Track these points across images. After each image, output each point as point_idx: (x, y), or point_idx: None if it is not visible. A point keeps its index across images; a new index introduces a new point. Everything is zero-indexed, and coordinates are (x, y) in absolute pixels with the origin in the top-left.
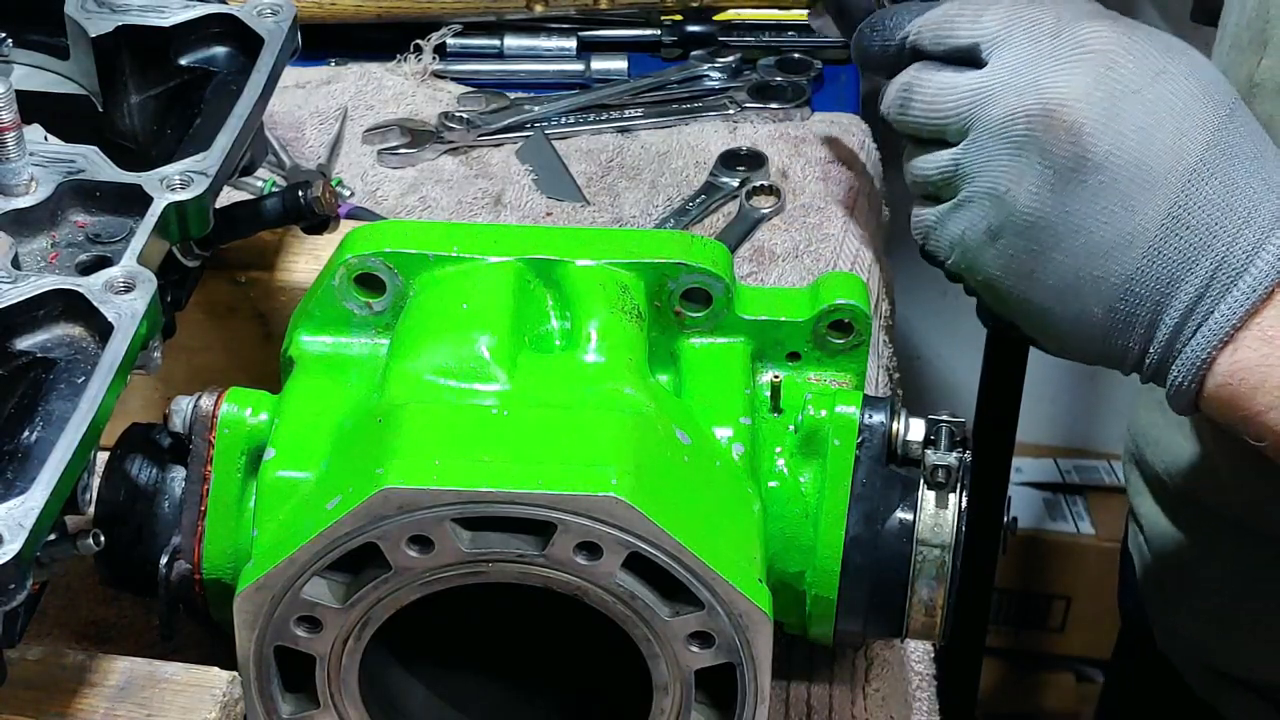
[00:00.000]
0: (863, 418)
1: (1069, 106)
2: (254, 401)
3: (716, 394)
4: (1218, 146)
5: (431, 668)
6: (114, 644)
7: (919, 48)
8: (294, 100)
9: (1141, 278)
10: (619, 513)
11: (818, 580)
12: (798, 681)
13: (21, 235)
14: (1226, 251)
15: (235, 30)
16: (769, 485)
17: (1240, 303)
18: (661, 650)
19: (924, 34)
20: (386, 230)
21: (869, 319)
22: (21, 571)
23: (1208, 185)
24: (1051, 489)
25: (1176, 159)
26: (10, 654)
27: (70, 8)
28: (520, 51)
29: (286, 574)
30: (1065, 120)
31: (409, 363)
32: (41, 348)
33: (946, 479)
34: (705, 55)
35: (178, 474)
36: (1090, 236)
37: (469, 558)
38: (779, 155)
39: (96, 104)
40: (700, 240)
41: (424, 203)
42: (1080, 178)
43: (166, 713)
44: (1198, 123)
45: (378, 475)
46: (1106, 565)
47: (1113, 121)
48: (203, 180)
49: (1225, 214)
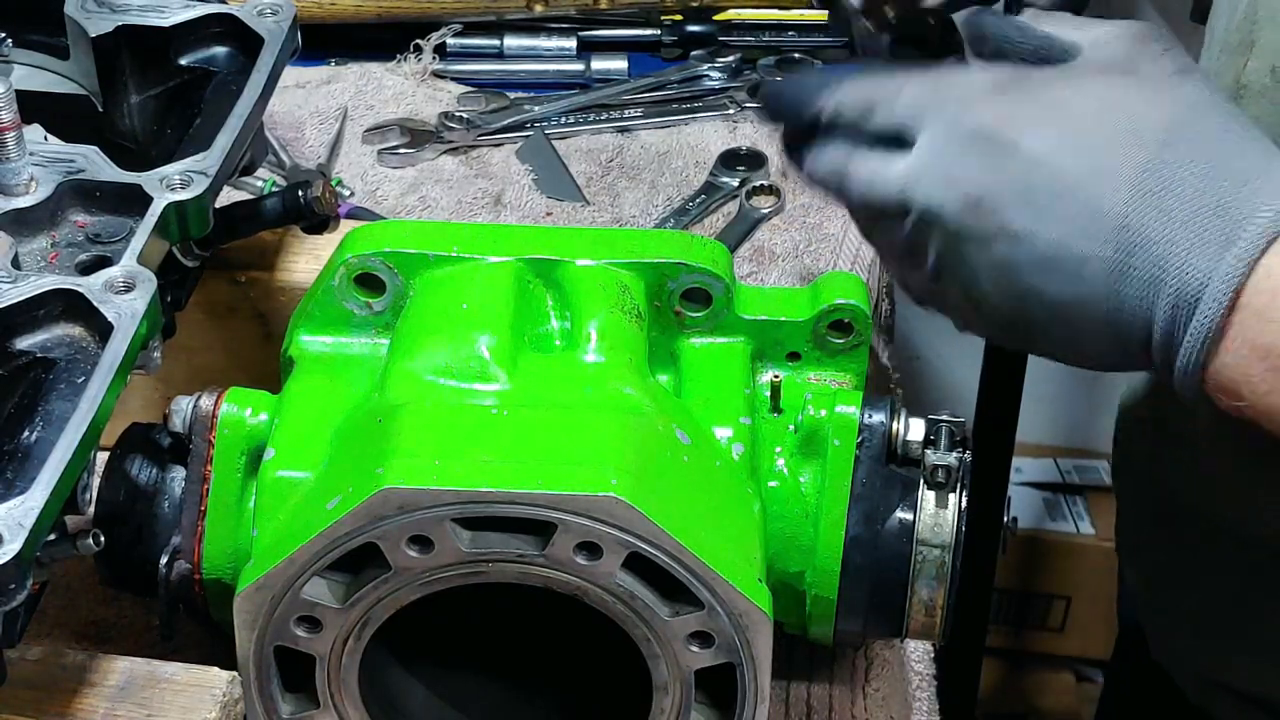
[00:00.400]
0: (863, 418)
1: (983, 199)
2: (254, 401)
3: (716, 394)
4: (1142, 188)
5: (431, 668)
6: (114, 644)
7: (843, 123)
8: (294, 100)
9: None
10: (619, 513)
11: (818, 580)
12: (798, 681)
13: (21, 235)
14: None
15: (235, 30)
16: (769, 485)
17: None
18: (661, 650)
19: (845, 112)
20: (386, 230)
21: (869, 319)
22: (21, 571)
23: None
24: (1051, 489)
25: (1096, 222)
26: (10, 654)
27: (70, 8)
28: (520, 51)
29: (286, 574)
30: (986, 209)
31: (409, 363)
32: (41, 348)
33: (946, 479)
34: (705, 55)
35: (178, 474)
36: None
37: (469, 558)
38: (779, 155)
39: (96, 104)
40: (700, 240)
41: (424, 203)
42: (1016, 253)
43: (166, 713)
44: (1119, 170)
45: (378, 475)
46: (1106, 565)
47: (1028, 203)
48: (203, 180)
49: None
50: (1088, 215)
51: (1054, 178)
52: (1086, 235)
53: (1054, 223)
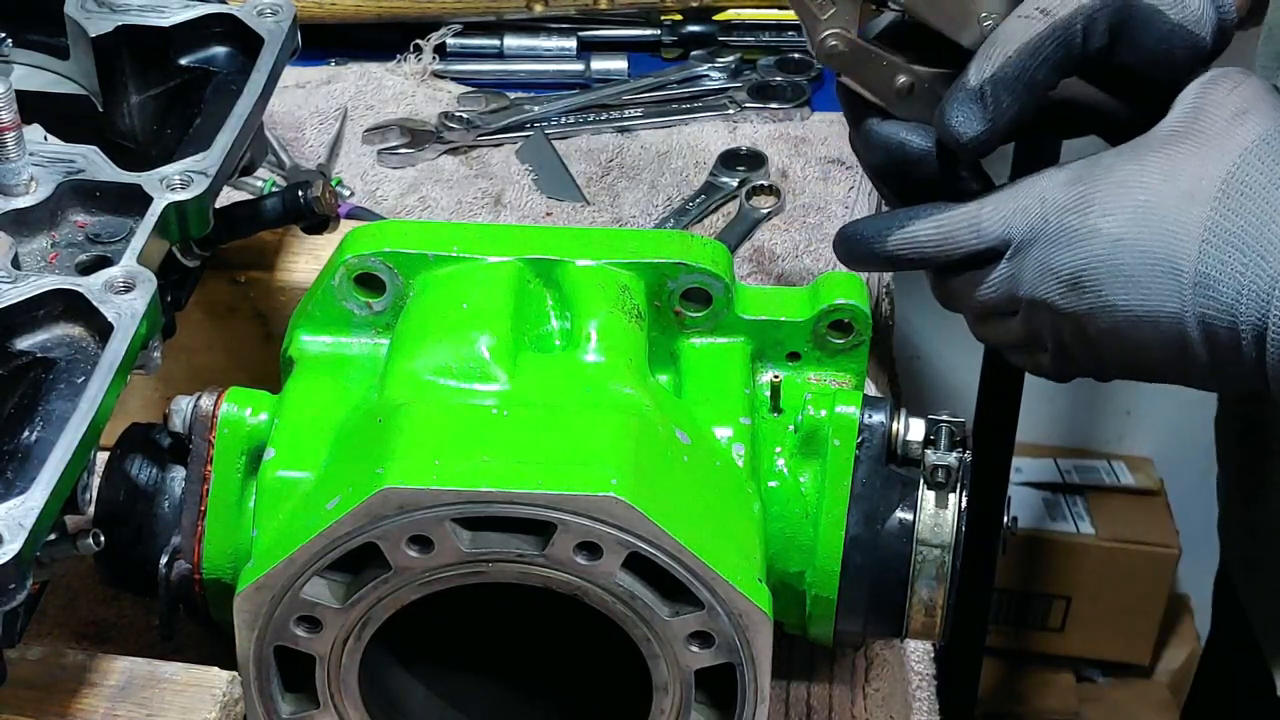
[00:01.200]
0: (863, 418)
1: (1080, 281)
2: (254, 401)
3: (716, 394)
4: (1206, 243)
5: (431, 668)
6: (114, 644)
7: (923, 261)
8: (294, 100)
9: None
10: (619, 513)
11: (818, 580)
12: (798, 681)
13: (21, 235)
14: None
15: (235, 30)
16: (769, 485)
17: None
18: (661, 650)
19: (928, 250)
20: (386, 230)
21: (869, 319)
22: (21, 571)
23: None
24: (1051, 489)
25: (1178, 280)
26: (10, 654)
27: (70, 8)
28: (520, 51)
29: (286, 574)
30: (1086, 289)
31: (409, 363)
32: (41, 348)
33: (946, 479)
34: (705, 55)
35: (178, 474)
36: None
37: (469, 558)
38: (779, 155)
39: (96, 104)
40: (700, 240)
41: (424, 203)
42: (1120, 321)
43: (166, 713)
44: (1187, 231)
45: (378, 475)
46: (1106, 565)
47: (1118, 276)
48: (203, 180)
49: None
50: (1169, 275)
51: (1135, 249)
52: (1172, 293)
53: (1144, 289)
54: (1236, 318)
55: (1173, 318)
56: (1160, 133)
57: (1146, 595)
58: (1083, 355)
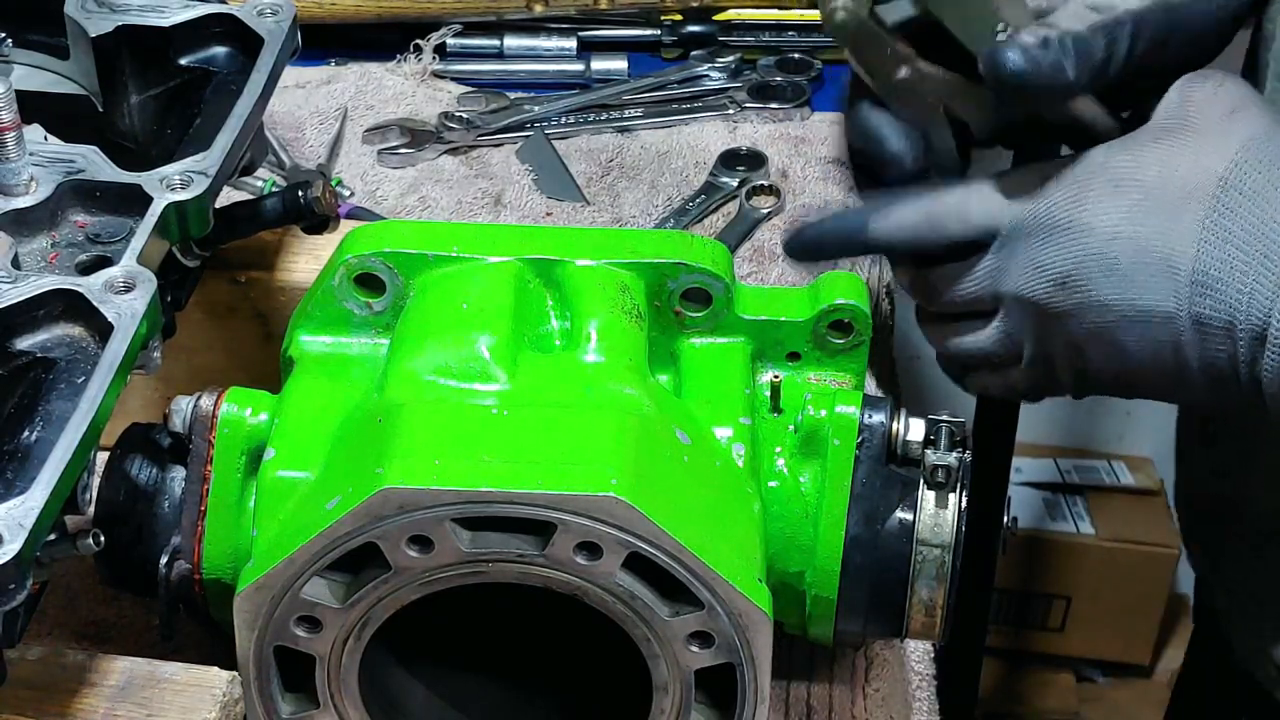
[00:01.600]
0: (863, 418)
1: (1070, 277)
2: (254, 401)
3: (716, 394)
4: (1205, 240)
5: (431, 668)
6: (114, 644)
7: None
8: (294, 100)
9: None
10: (619, 513)
11: (818, 580)
12: (798, 681)
13: (21, 235)
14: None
15: (235, 30)
16: (769, 485)
17: None
18: (661, 650)
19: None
20: (386, 230)
21: (869, 319)
22: (21, 571)
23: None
24: (1051, 489)
25: (1173, 278)
26: (10, 654)
27: (70, 8)
28: (520, 51)
29: (286, 574)
30: (1075, 286)
31: (409, 363)
32: (41, 348)
33: (946, 479)
34: (705, 55)
35: (178, 474)
36: None
37: (469, 558)
38: (779, 155)
39: (96, 104)
40: (700, 240)
41: (424, 203)
42: (1110, 318)
43: (166, 713)
44: (1185, 227)
45: (378, 475)
46: (1106, 565)
47: (1110, 273)
48: (203, 180)
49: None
50: (1165, 273)
51: (1130, 246)
52: (1168, 292)
53: (1138, 286)
54: (1235, 318)
55: (1166, 316)
56: (1152, 128)
57: (1146, 595)
58: (1063, 363)
